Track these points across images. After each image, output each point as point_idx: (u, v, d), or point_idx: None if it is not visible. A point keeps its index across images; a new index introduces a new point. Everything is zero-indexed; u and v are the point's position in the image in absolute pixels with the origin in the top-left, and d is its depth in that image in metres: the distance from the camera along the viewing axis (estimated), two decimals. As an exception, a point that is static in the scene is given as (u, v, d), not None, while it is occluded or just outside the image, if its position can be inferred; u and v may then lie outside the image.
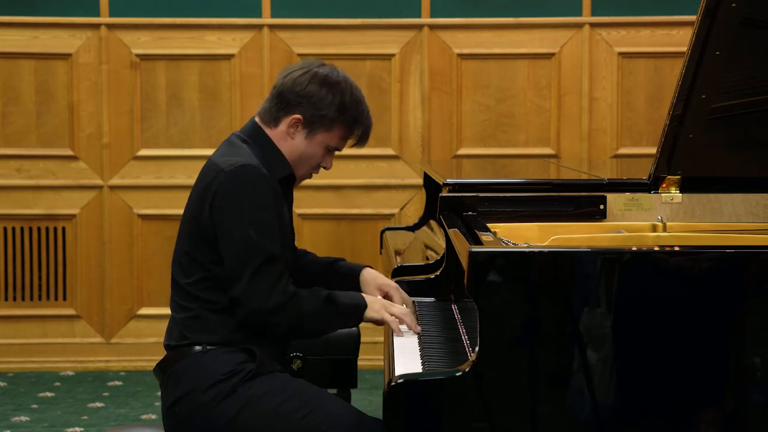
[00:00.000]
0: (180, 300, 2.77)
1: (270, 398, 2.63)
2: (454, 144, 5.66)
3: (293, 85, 2.78)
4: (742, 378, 2.19)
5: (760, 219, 3.08)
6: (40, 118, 5.63)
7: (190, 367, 2.69)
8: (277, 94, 2.81)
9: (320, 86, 2.77)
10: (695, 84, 2.79)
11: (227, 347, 2.69)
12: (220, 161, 2.73)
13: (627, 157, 5.53)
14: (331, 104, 2.77)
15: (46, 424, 4.75)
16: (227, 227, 2.66)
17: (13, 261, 5.68)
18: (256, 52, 5.61)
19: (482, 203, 3.06)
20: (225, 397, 2.64)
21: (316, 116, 2.77)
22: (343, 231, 5.68)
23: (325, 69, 2.81)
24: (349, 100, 2.79)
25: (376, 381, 5.22)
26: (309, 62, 2.84)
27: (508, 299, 2.20)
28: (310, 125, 2.78)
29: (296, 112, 2.78)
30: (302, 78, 2.78)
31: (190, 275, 2.74)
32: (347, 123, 2.81)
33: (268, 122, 2.82)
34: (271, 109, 2.82)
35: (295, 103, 2.78)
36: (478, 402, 2.19)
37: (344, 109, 2.78)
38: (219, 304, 2.71)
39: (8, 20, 5.59)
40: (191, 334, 2.72)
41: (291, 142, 2.80)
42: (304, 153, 2.81)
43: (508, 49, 5.62)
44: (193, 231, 2.73)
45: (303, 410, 2.62)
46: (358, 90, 2.83)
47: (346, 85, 2.80)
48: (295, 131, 2.79)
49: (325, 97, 2.76)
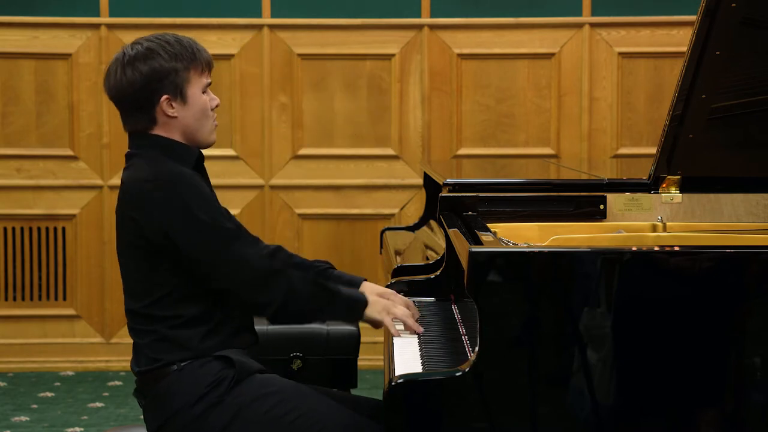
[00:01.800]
0: (140, 326, 2.69)
1: (261, 402, 2.60)
2: (454, 144, 5.66)
3: (131, 84, 2.68)
4: (742, 378, 2.19)
5: (760, 219, 3.08)
6: (40, 118, 5.64)
7: (171, 387, 2.64)
8: (128, 104, 2.71)
9: (145, 62, 2.67)
10: (695, 84, 2.79)
11: (202, 359, 2.64)
12: (137, 176, 2.66)
13: (627, 157, 5.53)
14: (170, 62, 2.67)
15: (46, 424, 4.75)
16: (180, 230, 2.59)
17: (13, 261, 5.68)
18: (256, 52, 5.61)
19: (482, 203, 3.06)
20: (213, 407, 2.60)
21: (173, 81, 2.67)
22: (343, 231, 5.68)
23: (130, 50, 2.70)
24: (173, 47, 2.69)
25: (376, 381, 5.22)
26: (114, 59, 2.73)
27: (508, 299, 2.19)
28: (176, 93, 2.68)
29: (159, 96, 2.67)
30: (126, 76, 2.67)
31: (145, 298, 2.66)
32: (192, 60, 2.70)
33: (146, 127, 2.72)
34: (138, 116, 2.71)
35: (149, 91, 2.67)
36: (478, 402, 2.19)
37: (179, 56, 2.69)
38: (183, 317, 2.64)
39: (8, 20, 5.59)
40: (162, 356, 2.65)
41: (177, 121, 2.70)
42: (195, 115, 2.71)
43: (508, 49, 5.62)
44: (137, 254, 2.65)
45: (296, 412, 2.59)
46: (167, 34, 2.73)
47: (157, 40, 2.70)
48: (173, 109, 2.69)
49: (159, 64, 2.67)
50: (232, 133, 5.63)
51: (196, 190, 2.63)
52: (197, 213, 2.60)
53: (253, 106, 5.64)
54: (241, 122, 5.62)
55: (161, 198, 2.61)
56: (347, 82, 5.63)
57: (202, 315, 2.66)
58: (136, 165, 2.71)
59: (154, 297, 2.66)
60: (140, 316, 2.68)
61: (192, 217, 2.60)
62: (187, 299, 2.65)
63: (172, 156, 2.69)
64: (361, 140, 5.66)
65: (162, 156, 2.69)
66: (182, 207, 2.60)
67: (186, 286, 2.65)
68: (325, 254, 5.60)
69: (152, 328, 2.66)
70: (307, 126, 5.65)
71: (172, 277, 2.64)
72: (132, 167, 2.72)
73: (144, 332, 2.68)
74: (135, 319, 2.71)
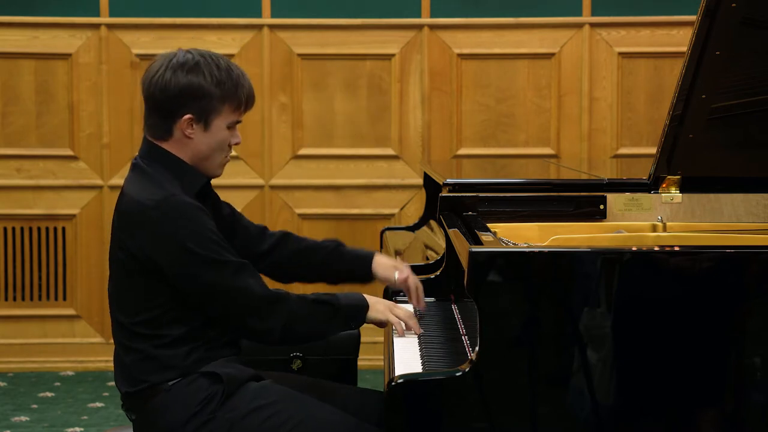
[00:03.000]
0: (125, 340, 2.64)
1: (255, 416, 2.56)
2: (454, 144, 5.66)
3: (163, 90, 2.63)
4: (742, 378, 2.19)
5: (760, 219, 3.08)
6: (40, 118, 5.63)
7: (160, 407, 2.58)
8: (153, 105, 2.66)
9: (187, 75, 2.62)
10: (695, 84, 2.79)
11: (189, 376, 2.59)
12: (140, 197, 2.59)
13: (627, 157, 5.53)
14: (209, 86, 2.61)
15: (46, 424, 4.75)
16: (178, 264, 2.55)
17: (13, 261, 5.68)
18: (256, 52, 5.61)
19: (482, 203, 3.06)
20: (205, 424, 2.55)
21: (203, 107, 2.62)
22: (343, 231, 5.67)
23: (181, 56, 2.65)
24: (220, 73, 2.63)
25: (376, 381, 5.21)
26: (161, 60, 2.69)
27: (508, 299, 2.20)
28: (202, 117, 2.63)
29: (184, 113, 2.62)
30: (166, 79, 2.63)
31: (132, 315, 2.62)
32: (230, 94, 2.64)
33: (161, 137, 2.66)
34: (157, 122, 2.66)
35: (177, 105, 2.61)
36: (478, 402, 2.19)
37: (221, 83, 2.63)
38: (168, 337, 2.59)
39: (8, 20, 5.59)
40: (147, 377, 2.61)
41: (192, 143, 2.64)
42: (210, 145, 2.65)
43: (508, 49, 5.62)
44: (128, 270, 2.60)
45: (292, 422, 2.55)
46: (221, 58, 2.67)
47: (210, 59, 2.65)
48: (192, 131, 2.64)
49: (198, 83, 2.61)
50: (232, 133, 5.63)
51: (195, 223, 2.56)
52: (193, 247, 2.53)
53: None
54: (241, 122, 5.62)
55: (159, 228, 2.55)
56: (347, 82, 5.63)
57: (187, 334, 2.61)
58: (142, 181, 2.64)
59: (141, 317, 2.60)
60: (125, 330, 2.63)
61: (187, 251, 2.54)
62: (175, 321, 2.60)
63: (180, 178, 2.63)
64: (361, 140, 5.66)
65: (169, 176, 2.63)
66: (179, 241, 2.54)
67: (175, 310, 2.60)
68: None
69: (137, 346, 2.61)
70: (307, 126, 5.65)
71: (161, 299, 2.59)
72: (137, 182, 2.65)
73: (128, 349, 2.63)
74: (121, 331, 2.65)
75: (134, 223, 2.59)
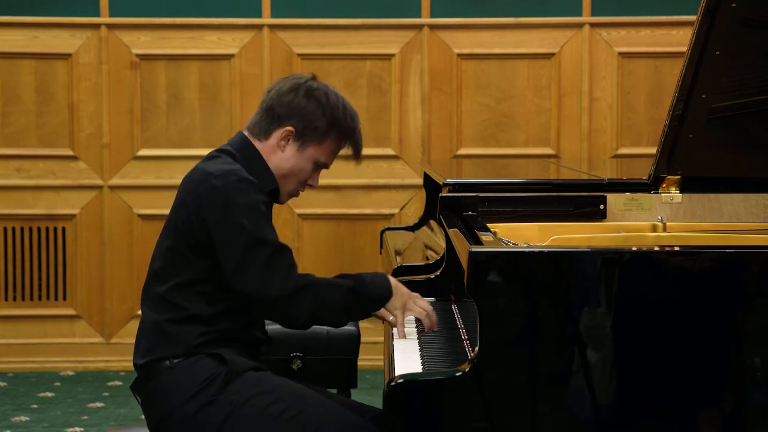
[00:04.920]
0: (151, 309, 2.74)
1: (256, 401, 2.61)
2: (454, 144, 5.66)
3: (284, 98, 2.75)
4: (742, 378, 2.19)
5: (760, 219, 3.08)
6: (40, 118, 5.64)
7: (163, 386, 2.66)
8: (267, 107, 2.78)
9: (311, 99, 2.75)
10: (695, 84, 2.79)
11: (193, 356, 2.66)
12: (208, 167, 2.71)
13: (627, 157, 5.53)
14: (323, 117, 2.74)
15: (46, 424, 4.75)
16: (225, 229, 2.63)
17: (13, 261, 5.68)
18: (256, 52, 5.61)
19: (482, 203, 3.06)
20: (206, 405, 2.61)
21: (308, 128, 2.74)
22: (343, 231, 5.68)
23: (315, 83, 2.79)
24: (341, 114, 2.77)
25: (376, 381, 5.21)
26: (298, 76, 2.82)
27: (508, 299, 2.19)
28: (302, 137, 2.75)
29: (288, 124, 2.75)
30: (293, 91, 2.76)
31: (165, 278, 2.71)
32: (338, 137, 2.78)
33: (258, 135, 2.78)
34: (261, 122, 2.78)
35: (287, 115, 2.75)
36: (478, 402, 2.19)
37: (336, 123, 2.76)
38: (186, 311, 2.67)
39: (8, 20, 5.60)
40: (154, 348, 2.69)
41: (281, 155, 2.77)
42: (294, 166, 2.78)
43: (508, 49, 5.62)
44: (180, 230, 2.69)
45: (291, 410, 2.59)
46: (350, 106, 2.81)
47: (338, 99, 2.78)
48: (286, 144, 2.76)
49: (316, 109, 2.74)
50: (232, 133, 5.60)
51: (252, 199, 2.65)
52: (243, 218, 2.62)
53: (253, 106, 5.58)
54: (241, 122, 5.61)
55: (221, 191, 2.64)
56: (347, 82, 5.63)
57: (204, 316, 2.67)
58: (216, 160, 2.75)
59: (174, 280, 2.69)
60: (155, 297, 2.72)
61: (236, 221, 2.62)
62: (200, 296, 2.67)
63: (256, 174, 2.72)
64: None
65: (248, 168, 2.72)
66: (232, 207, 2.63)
67: (205, 283, 2.67)
68: (325, 254, 5.61)
69: (156, 317, 2.70)
70: (307, 126, 5.65)
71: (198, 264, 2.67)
72: (212, 159, 2.76)
73: (149, 317, 2.72)
74: (149, 300, 2.75)
75: (194, 186, 2.70)
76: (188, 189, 2.72)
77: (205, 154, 2.84)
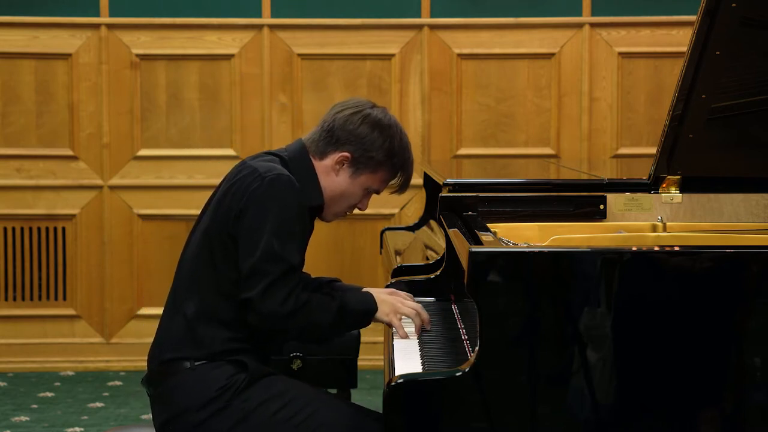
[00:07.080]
0: (178, 305, 2.73)
1: (266, 407, 2.62)
2: (454, 144, 5.66)
3: (345, 123, 2.78)
4: (742, 378, 2.19)
5: (760, 219, 3.08)
6: (40, 118, 5.64)
7: (180, 386, 2.67)
8: (328, 129, 2.80)
9: (372, 128, 2.78)
10: (695, 84, 2.79)
11: (214, 362, 2.67)
12: (259, 165, 2.72)
13: (627, 157, 5.53)
14: (381, 148, 2.77)
15: (46, 424, 4.75)
16: (252, 231, 2.64)
17: (13, 261, 5.68)
18: (256, 52, 5.61)
19: (482, 203, 3.06)
20: (219, 411, 2.62)
21: (364, 157, 2.78)
22: (343, 231, 5.68)
23: (378, 111, 2.81)
24: (398, 146, 2.80)
25: (376, 381, 5.21)
26: (361, 102, 2.84)
27: (508, 299, 2.19)
28: (357, 165, 2.78)
29: (345, 150, 2.78)
30: (355, 117, 2.78)
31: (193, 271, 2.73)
32: (393, 168, 2.81)
33: (314, 153, 2.81)
34: (319, 142, 2.81)
35: (345, 140, 2.77)
36: (478, 402, 2.19)
37: (393, 154, 2.79)
38: (214, 312, 2.68)
39: (8, 20, 5.59)
40: (179, 348, 2.69)
41: (334, 178, 2.80)
42: (345, 191, 2.82)
43: (508, 49, 5.62)
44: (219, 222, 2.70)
45: (300, 416, 2.60)
46: (406, 136, 2.85)
47: (397, 130, 2.81)
48: (340, 168, 2.79)
49: (376, 139, 2.77)
50: (232, 133, 5.63)
51: (290, 211, 2.66)
52: (275, 227, 2.62)
53: (253, 106, 5.63)
54: (241, 122, 5.62)
55: (263, 192, 2.64)
56: (347, 82, 5.63)
57: (231, 322, 2.68)
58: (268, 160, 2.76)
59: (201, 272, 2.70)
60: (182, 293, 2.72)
61: (267, 228, 2.62)
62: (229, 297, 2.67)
63: (304, 185, 2.74)
64: (361, 140, 5.65)
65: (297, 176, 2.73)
66: (268, 212, 2.63)
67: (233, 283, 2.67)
68: (325, 254, 5.60)
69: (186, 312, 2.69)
70: (307, 126, 5.64)
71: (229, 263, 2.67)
72: (264, 161, 2.76)
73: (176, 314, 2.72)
74: (176, 298, 2.74)
75: (238, 180, 2.71)
76: (232, 181, 2.73)
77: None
